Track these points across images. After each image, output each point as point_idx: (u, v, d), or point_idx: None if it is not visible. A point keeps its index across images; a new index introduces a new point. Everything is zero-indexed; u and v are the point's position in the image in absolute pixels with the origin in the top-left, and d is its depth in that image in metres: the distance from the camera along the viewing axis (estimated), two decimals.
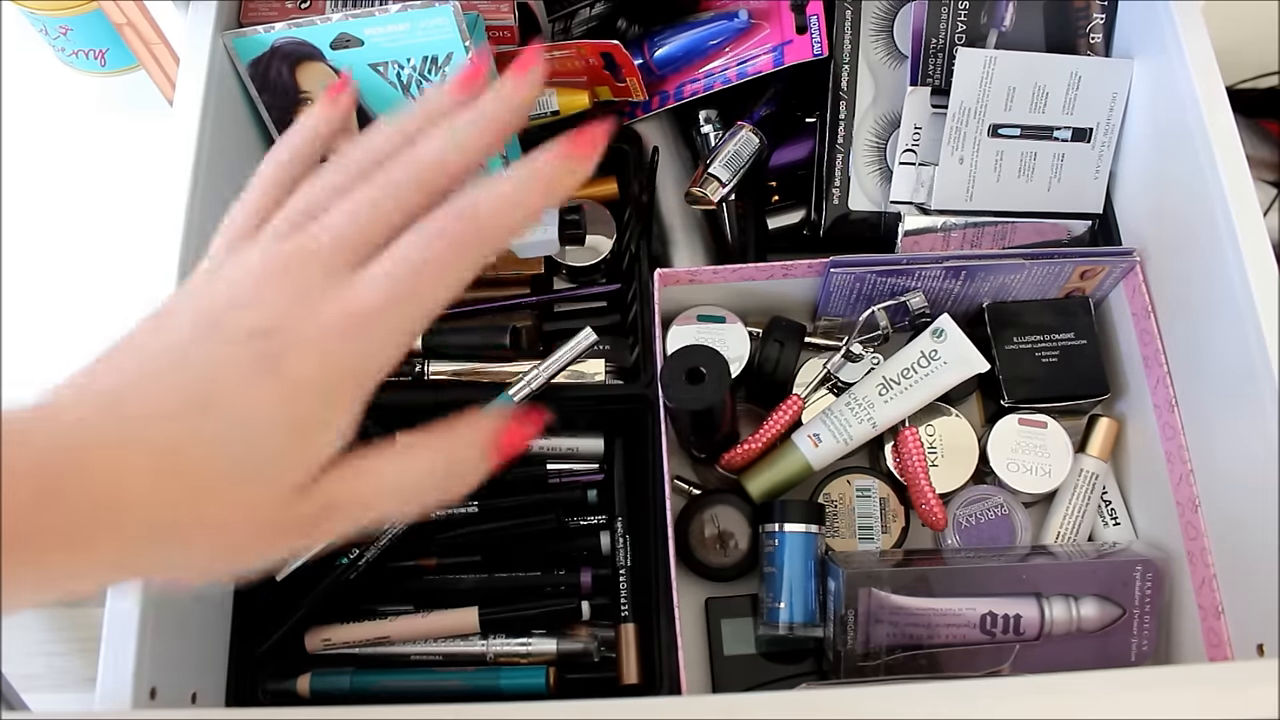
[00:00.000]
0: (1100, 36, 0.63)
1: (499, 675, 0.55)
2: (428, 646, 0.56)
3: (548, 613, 0.57)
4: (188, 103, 0.55)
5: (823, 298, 0.64)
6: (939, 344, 0.60)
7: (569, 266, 0.65)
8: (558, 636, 0.56)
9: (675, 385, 0.54)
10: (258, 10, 0.61)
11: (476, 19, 0.60)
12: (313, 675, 0.54)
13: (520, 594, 0.57)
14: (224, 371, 0.29)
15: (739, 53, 0.67)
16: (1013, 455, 0.62)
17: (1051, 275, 0.61)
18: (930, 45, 0.63)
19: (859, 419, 0.60)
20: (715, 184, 0.63)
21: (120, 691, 0.43)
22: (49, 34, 0.76)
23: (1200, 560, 0.55)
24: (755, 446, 0.61)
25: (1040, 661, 0.55)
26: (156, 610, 0.46)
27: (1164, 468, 0.58)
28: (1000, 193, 0.63)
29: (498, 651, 0.56)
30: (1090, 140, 0.63)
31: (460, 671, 0.55)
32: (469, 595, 0.57)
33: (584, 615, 0.57)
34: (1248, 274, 0.50)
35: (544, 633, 0.56)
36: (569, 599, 0.57)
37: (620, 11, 0.70)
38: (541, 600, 0.57)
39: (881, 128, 0.65)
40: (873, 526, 0.61)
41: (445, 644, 0.56)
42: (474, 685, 0.54)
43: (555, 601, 0.57)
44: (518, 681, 0.54)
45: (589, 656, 0.56)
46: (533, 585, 0.58)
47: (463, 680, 0.54)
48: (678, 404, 0.54)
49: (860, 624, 0.55)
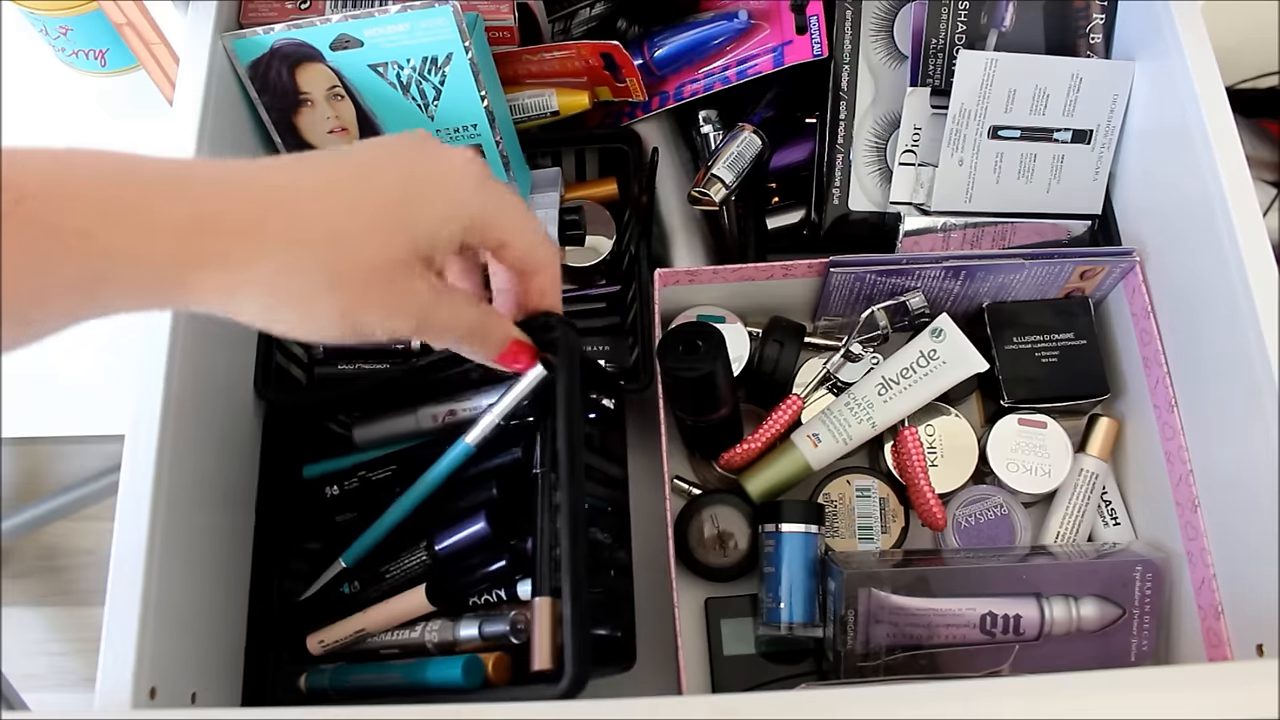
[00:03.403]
0: (1100, 37, 0.63)
1: (426, 667, 0.50)
2: (391, 638, 0.53)
3: (491, 576, 0.51)
4: (188, 103, 0.55)
5: (823, 298, 0.64)
6: (938, 344, 0.60)
7: (569, 267, 0.65)
8: (480, 619, 0.50)
9: (671, 356, 0.54)
10: (257, 11, 0.61)
11: (476, 19, 0.60)
12: (307, 675, 0.54)
13: (465, 570, 0.52)
14: (388, 154, 0.38)
15: (739, 53, 0.67)
16: (1012, 455, 0.62)
17: (1051, 275, 0.61)
18: (930, 45, 0.63)
19: (858, 419, 0.60)
20: (718, 185, 0.63)
21: (120, 691, 0.43)
22: (49, 34, 0.76)
23: (1200, 560, 0.55)
24: (755, 446, 0.61)
25: (1040, 661, 0.55)
26: (156, 610, 0.46)
27: (1164, 468, 0.58)
28: (999, 194, 0.63)
29: (433, 640, 0.51)
30: (1090, 142, 0.63)
31: (400, 664, 0.51)
32: (421, 576, 0.53)
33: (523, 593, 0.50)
34: (1248, 274, 0.50)
35: (473, 616, 0.50)
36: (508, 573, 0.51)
37: (620, 12, 0.70)
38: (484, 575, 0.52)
39: (881, 128, 0.65)
40: (872, 526, 0.61)
41: (398, 634, 0.52)
42: (409, 680, 0.50)
43: (492, 574, 0.51)
44: (440, 674, 0.49)
45: (506, 639, 0.49)
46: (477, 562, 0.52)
47: (400, 674, 0.50)
48: (673, 374, 0.54)
49: (860, 624, 0.55)
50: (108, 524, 0.46)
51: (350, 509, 0.56)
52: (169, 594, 0.47)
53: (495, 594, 0.51)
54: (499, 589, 0.51)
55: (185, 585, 0.49)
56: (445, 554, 0.52)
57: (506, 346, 0.43)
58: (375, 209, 0.36)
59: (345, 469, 0.57)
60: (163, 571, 0.46)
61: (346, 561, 0.54)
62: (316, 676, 0.53)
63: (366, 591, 0.54)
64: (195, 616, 0.50)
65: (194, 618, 0.50)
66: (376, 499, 0.55)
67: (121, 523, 0.46)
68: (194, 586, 0.50)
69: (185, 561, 0.49)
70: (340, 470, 0.57)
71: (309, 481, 0.58)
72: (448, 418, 0.55)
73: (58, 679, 1.20)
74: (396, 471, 0.55)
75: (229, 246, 0.33)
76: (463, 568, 0.52)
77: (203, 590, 0.52)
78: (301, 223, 0.35)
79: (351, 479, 0.56)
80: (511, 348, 0.43)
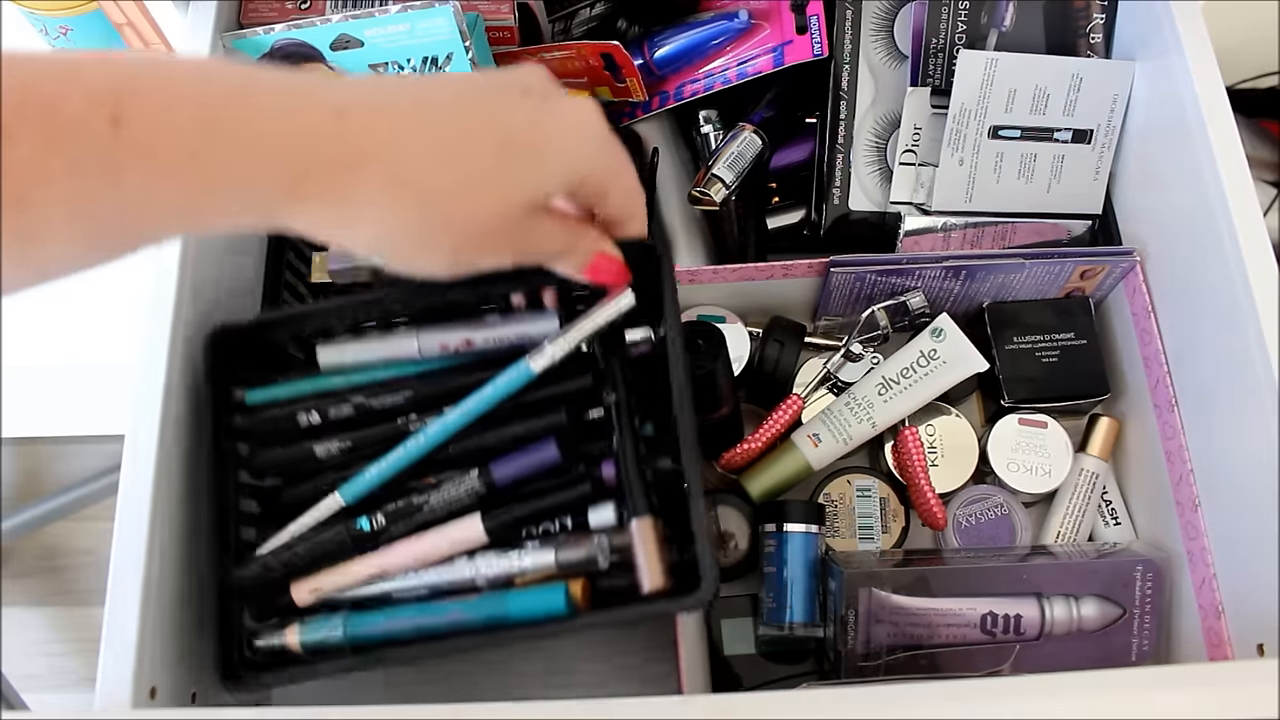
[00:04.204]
0: (1100, 36, 0.63)
1: (506, 600, 0.45)
2: (413, 580, 0.46)
3: (562, 503, 0.47)
4: None
5: (823, 298, 0.64)
6: (938, 344, 0.60)
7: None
8: (555, 546, 0.46)
9: None
10: (258, 11, 0.61)
11: (476, 19, 0.60)
12: (301, 625, 0.45)
13: (524, 500, 0.47)
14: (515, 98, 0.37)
15: (739, 53, 0.67)
16: (1013, 455, 0.62)
17: (1051, 275, 0.61)
18: (930, 45, 0.63)
19: (859, 419, 0.60)
20: (718, 185, 0.63)
21: (120, 691, 0.43)
22: (49, 34, 0.76)
23: (1200, 560, 0.55)
24: (755, 446, 0.61)
25: (1040, 661, 0.55)
26: (156, 610, 0.46)
27: (1164, 468, 0.58)
28: (1000, 194, 0.63)
29: (486, 575, 0.46)
30: (1090, 142, 0.63)
31: (460, 601, 0.45)
32: (469, 507, 0.47)
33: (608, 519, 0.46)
34: (1248, 274, 0.50)
35: (537, 544, 0.46)
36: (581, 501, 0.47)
37: (620, 12, 0.70)
38: (555, 505, 0.47)
39: (881, 128, 0.65)
40: (873, 526, 0.61)
41: (431, 573, 0.46)
42: (479, 616, 0.44)
43: (568, 490, 0.47)
44: (530, 605, 0.44)
45: (594, 565, 0.45)
46: (539, 490, 0.47)
47: (464, 611, 0.45)
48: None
49: (860, 624, 0.55)
50: (108, 524, 0.46)
51: (336, 439, 0.48)
52: (169, 594, 0.47)
53: (556, 523, 0.47)
54: (562, 517, 0.47)
55: (185, 585, 0.49)
56: (504, 483, 0.47)
57: (594, 259, 0.42)
58: (498, 156, 0.36)
59: (312, 393, 0.49)
60: (163, 571, 0.46)
61: (346, 498, 0.47)
62: (317, 628, 0.45)
63: (391, 528, 0.47)
64: (195, 616, 0.50)
65: (194, 618, 0.50)
66: (379, 429, 0.48)
67: (121, 523, 0.46)
68: (194, 586, 0.50)
69: (185, 561, 0.49)
70: (311, 395, 0.49)
71: (275, 409, 0.49)
72: (463, 347, 0.49)
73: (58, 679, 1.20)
74: (412, 398, 0.48)
75: (343, 182, 0.33)
76: (521, 496, 0.47)
77: (203, 590, 0.52)
78: (421, 167, 0.34)
79: (341, 403, 0.48)
80: (600, 260, 0.42)
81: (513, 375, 0.46)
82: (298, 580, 0.47)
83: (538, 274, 0.42)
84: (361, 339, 0.50)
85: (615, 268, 0.43)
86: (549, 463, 0.47)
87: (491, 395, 0.47)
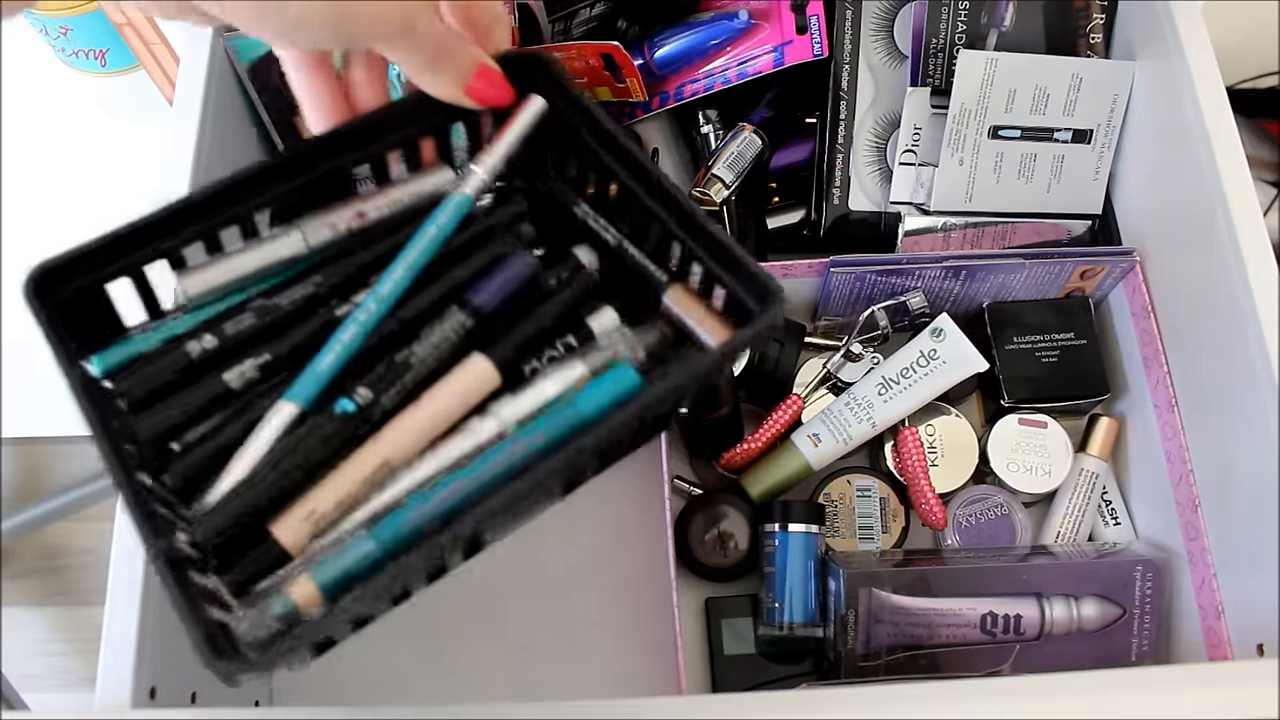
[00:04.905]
0: (1100, 36, 0.63)
1: (575, 404, 0.37)
2: (430, 466, 0.37)
3: (561, 312, 0.41)
4: (188, 103, 0.55)
5: (823, 298, 0.64)
6: (938, 344, 0.60)
7: None
8: (579, 356, 0.39)
9: None
10: None
11: None
12: (315, 569, 0.34)
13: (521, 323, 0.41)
14: None
15: (739, 53, 0.67)
16: (1013, 455, 0.62)
17: (1051, 275, 0.61)
18: (930, 45, 0.63)
19: (859, 419, 0.60)
20: (718, 185, 0.63)
21: (120, 691, 0.43)
22: (49, 34, 0.76)
23: (1200, 560, 0.55)
24: (755, 446, 0.61)
25: (1040, 661, 0.55)
26: (156, 610, 0.46)
27: (1164, 467, 0.58)
28: (1000, 194, 0.63)
29: (511, 416, 0.38)
30: (1090, 142, 0.63)
31: (524, 429, 0.37)
32: (461, 351, 0.39)
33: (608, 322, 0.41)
34: (1248, 274, 0.50)
35: (553, 365, 0.39)
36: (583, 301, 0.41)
37: (620, 12, 0.70)
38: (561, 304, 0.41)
39: (881, 128, 0.65)
40: (873, 526, 0.61)
41: (447, 447, 0.37)
42: (560, 431, 0.36)
43: (561, 295, 0.41)
44: (602, 396, 0.37)
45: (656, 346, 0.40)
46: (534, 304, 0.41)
47: (545, 431, 0.36)
48: None
49: (860, 624, 0.55)
50: (108, 524, 0.46)
51: (248, 358, 0.38)
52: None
53: (565, 343, 0.41)
54: (569, 334, 0.41)
55: None
56: (489, 308, 0.40)
57: (476, 69, 0.39)
58: None
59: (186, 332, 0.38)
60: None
61: (300, 401, 0.37)
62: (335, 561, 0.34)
63: (382, 399, 0.37)
64: None
65: None
66: (301, 330, 0.39)
67: (121, 523, 0.46)
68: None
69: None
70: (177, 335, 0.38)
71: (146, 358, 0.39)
72: (356, 222, 0.41)
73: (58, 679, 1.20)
74: (326, 283, 0.40)
75: None
76: (516, 320, 0.41)
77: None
78: None
79: (238, 315, 0.39)
80: (481, 71, 0.40)
81: (450, 209, 0.40)
82: (275, 517, 0.35)
83: (409, 124, 0.41)
84: (227, 255, 0.40)
85: (498, 83, 0.40)
86: (527, 273, 0.41)
87: (436, 235, 0.40)
